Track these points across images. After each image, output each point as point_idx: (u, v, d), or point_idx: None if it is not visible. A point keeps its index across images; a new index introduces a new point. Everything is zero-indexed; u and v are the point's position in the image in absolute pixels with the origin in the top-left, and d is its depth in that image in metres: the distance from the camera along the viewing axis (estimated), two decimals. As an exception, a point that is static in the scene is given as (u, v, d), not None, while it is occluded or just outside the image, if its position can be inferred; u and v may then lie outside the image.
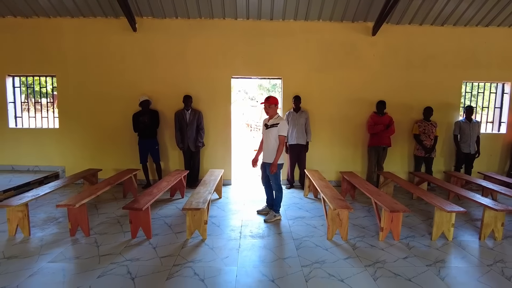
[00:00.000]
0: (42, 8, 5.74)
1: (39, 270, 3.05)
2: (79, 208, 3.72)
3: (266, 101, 4.20)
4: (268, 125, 4.23)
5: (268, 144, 4.23)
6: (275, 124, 4.15)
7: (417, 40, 6.03)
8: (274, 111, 4.22)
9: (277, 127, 4.13)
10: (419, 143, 5.92)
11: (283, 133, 4.13)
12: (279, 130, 4.12)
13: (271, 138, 4.18)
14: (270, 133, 4.18)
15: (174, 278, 2.95)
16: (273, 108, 4.20)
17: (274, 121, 4.19)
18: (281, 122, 4.15)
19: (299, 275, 3.02)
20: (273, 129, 4.15)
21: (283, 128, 4.14)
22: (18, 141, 6.27)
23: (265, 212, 4.61)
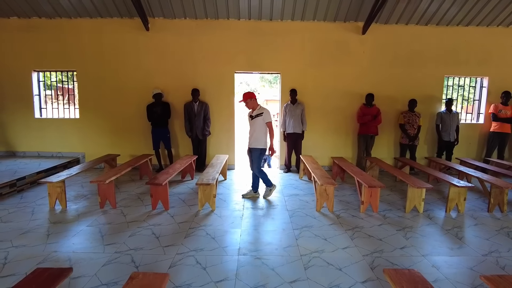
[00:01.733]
0: (64, 9, 6.38)
1: (81, 231, 3.78)
2: (108, 184, 4.44)
3: (242, 98, 4.68)
4: (253, 116, 4.70)
5: (254, 132, 4.70)
6: (259, 114, 4.65)
7: (403, 38, 6.66)
8: (254, 104, 4.69)
9: (262, 116, 4.63)
10: (404, 132, 6.59)
11: (269, 119, 4.66)
12: (264, 118, 4.64)
13: (257, 127, 4.67)
14: (256, 123, 4.67)
15: (190, 237, 3.68)
16: (251, 102, 4.66)
17: (258, 111, 4.68)
18: (265, 111, 4.67)
19: (291, 235, 3.74)
20: (258, 119, 4.65)
21: (268, 116, 4.66)
22: (43, 130, 6.98)
23: (250, 195, 5.07)
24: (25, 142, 7.02)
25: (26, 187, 5.44)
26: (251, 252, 3.34)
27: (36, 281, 2.05)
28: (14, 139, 7.01)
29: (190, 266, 3.05)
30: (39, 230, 3.81)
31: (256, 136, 4.69)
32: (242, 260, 3.17)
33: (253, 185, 5.10)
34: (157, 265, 3.05)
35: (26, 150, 7.04)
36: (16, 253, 3.24)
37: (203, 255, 3.26)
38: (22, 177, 5.35)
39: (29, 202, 4.78)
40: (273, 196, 5.21)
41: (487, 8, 6.23)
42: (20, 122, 6.93)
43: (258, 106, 4.73)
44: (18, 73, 6.79)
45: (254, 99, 4.70)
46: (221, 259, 3.19)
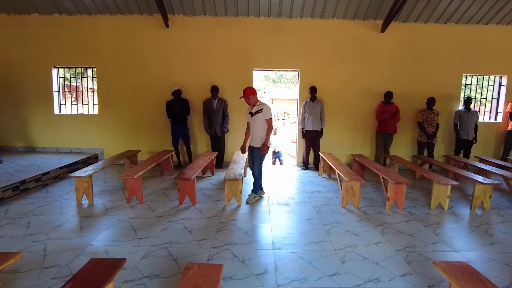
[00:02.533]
0: (85, 6, 6.42)
1: (112, 225, 3.82)
2: (135, 179, 4.47)
3: (243, 94, 4.40)
4: (253, 112, 4.46)
5: (255, 129, 4.47)
6: (259, 110, 4.39)
7: (422, 37, 6.66)
8: (255, 100, 4.44)
9: (262, 112, 4.38)
10: (422, 130, 6.60)
11: (269, 116, 4.41)
12: (265, 115, 4.39)
13: (257, 124, 4.43)
14: (256, 119, 4.42)
15: (222, 231, 3.71)
16: (252, 98, 4.40)
17: (257, 107, 4.42)
18: (265, 107, 4.41)
19: (322, 231, 3.77)
20: (258, 115, 4.40)
21: (268, 112, 4.40)
22: (62, 126, 7.02)
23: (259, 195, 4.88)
24: (44, 138, 7.07)
25: (50, 182, 5.49)
26: (286, 246, 3.37)
27: (95, 270, 2.09)
28: (34, 135, 7.07)
29: (228, 259, 3.08)
30: (71, 224, 3.86)
31: (257, 134, 4.48)
32: (278, 254, 3.20)
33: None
34: (195, 258, 3.08)
35: (46, 145, 7.09)
36: (54, 245, 3.28)
37: (239, 248, 3.29)
38: (47, 172, 5.40)
39: (55, 197, 4.83)
40: (296, 193, 5.23)
41: (508, 7, 6.23)
42: (40, 118, 6.98)
43: (258, 102, 4.48)
44: (38, 69, 6.84)
45: (254, 94, 4.46)
46: (257, 252, 3.22)
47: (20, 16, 6.71)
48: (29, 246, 3.27)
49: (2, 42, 6.80)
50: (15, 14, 6.71)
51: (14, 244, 3.32)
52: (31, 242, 3.36)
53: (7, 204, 4.48)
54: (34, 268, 2.86)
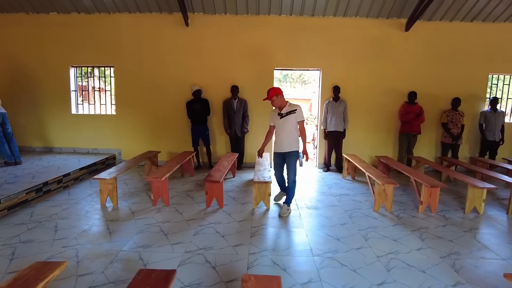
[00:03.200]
0: (104, 4, 6.32)
1: (142, 230, 3.70)
2: (162, 181, 4.36)
3: (268, 95, 3.99)
4: (283, 113, 4.02)
5: (286, 133, 4.05)
6: (291, 111, 3.99)
7: (447, 35, 6.50)
8: (282, 101, 4.03)
9: (295, 114, 3.98)
10: (446, 131, 6.44)
11: (302, 118, 4.01)
12: (298, 117, 3.99)
13: (288, 126, 4.03)
14: (287, 121, 4.01)
15: (256, 236, 3.60)
16: (277, 100, 4.00)
17: (288, 108, 4.02)
18: (298, 108, 4.02)
19: (359, 236, 3.64)
20: (290, 117, 3.99)
21: (301, 114, 4.00)
22: (79, 126, 6.93)
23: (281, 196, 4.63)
24: (61, 138, 6.99)
25: (71, 183, 5.39)
26: (325, 253, 3.24)
27: (147, 283, 1.97)
28: (51, 135, 6.98)
29: (268, 267, 2.96)
30: (98, 228, 3.75)
31: (289, 138, 4.04)
32: (319, 261, 3.08)
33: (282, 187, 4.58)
34: (234, 265, 2.97)
35: (62, 146, 7.00)
36: (85, 251, 3.18)
37: (278, 255, 3.17)
38: (67, 173, 5.31)
39: (78, 199, 4.73)
40: (323, 196, 5.10)
41: (537, 4, 6.05)
42: (57, 118, 6.90)
43: (287, 103, 4.06)
44: (56, 69, 6.75)
45: (281, 95, 4.02)
46: (298, 260, 3.10)
47: (39, 15, 6.62)
48: (60, 251, 3.17)
49: (20, 41, 6.72)
50: (34, 13, 6.62)
51: (44, 249, 3.21)
52: (62, 247, 3.26)
53: (31, 207, 4.38)
54: (70, 275, 2.76)
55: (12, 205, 4.15)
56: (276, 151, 4.24)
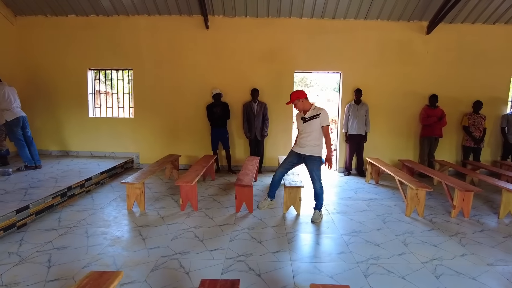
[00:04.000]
0: (123, 7, 6.27)
1: (176, 235, 3.63)
2: (191, 186, 4.29)
3: (291, 99, 3.91)
4: (306, 118, 3.89)
5: (309, 137, 3.88)
6: (315, 115, 3.82)
7: (469, 38, 6.46)
8: (306, 104, 3.89)
9: (319, 118, 3.81)
10: (468, 134, 6.38)
11: (327, 123, 3.83)
12: (322, 121, 3.81)
13: (313, 130, 3.85)
14: (310, 126, 3.84)
15: (294, 242, 3.53)
16: (301, 103, 3.88)
17: (312, 112, 3.86)
18: (322, 112, 3.82)
19: (397, 242, 3.57)
20: (315, 121, 3.82)
21: (326, 118, 3.83)
22: (97, 129, 6.86)
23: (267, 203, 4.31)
24: (78, 142, 6.92)
25: (92, 187, 5.32)
26: (368, 259, 3.17)
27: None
28: (68, 138, 6.91)
29: (314, 274, 2.89)
30: (131, 234, 3.68)
31: (313, 142, 3.87)
32: (364, 267, 3.01)
33: (271, 192, 4.28)
34: (279, 273, 2.90)
35: (79, 149, 6.93)
36: (123, 258, 3.10)
37: (322, 262, 3.10)
38: (89, 177, 5.23)
39: (103, 204, 4.65)
40: (351, 201, 5.03)
41: (560, 7, 6.01)
42: (74, 121, 6.83)
43: (311, 106, 3.90)
44: (74, 71, 6.69)
45: (304, 98, 3.89)
46: (342, 266, 3.02)
47: (57, 17, 6.58)
48: (97, 258, 3.09)
49: (38, 44, 6.68)
50: (52, 16, 6.57)
51: (80, 256, 3.13)
52: (97, 254, 3.17)
53: (57, 212, 4.31)
54: (113, 283, 2.67)
55: (39, 210, 4.07)
56: (295, 150, 4.05)
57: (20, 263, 2.98)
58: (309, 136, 3.89)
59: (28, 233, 3.63)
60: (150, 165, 5.31)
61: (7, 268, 2.88)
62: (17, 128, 5.48)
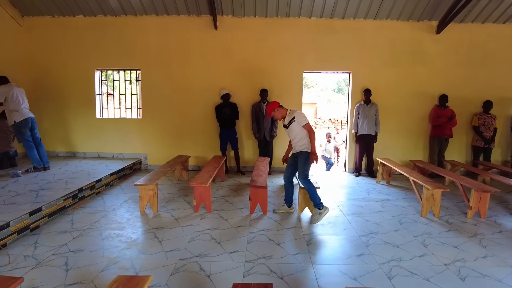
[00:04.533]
0: (131, 6, 6.23)
1: (193, 238, 3.58)
2: (204, 187, 4.24)
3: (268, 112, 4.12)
4: (286, 124, 4.10)
5: (296, 141, 4.07)
6: (292, 120, 4.00)
7: (479, 38, 6.43)
8: (283, 111, 4.09)
9: (295, 121, 3.98)
10: (478, 134, 6.34)
11: (305, 121, 3.96)
12: (299, 122, 3.95)
13: (296, 134, 4.04)
14: (293, 130, 4.04)
15: (313, 244, 3.49)
16: (278, 112, 4.08)
17: (289, 118, 4.04)
18: (296, 114, 3.99)
19: (417, 243, 3.53)
20: (293, 124, 4.00)
21: (302, 117, 3.97)
22: (104, 130, 6.81)
23: (283, 210, 4.33)
24: (85, 143, 6.86)
25: (102, 189, 5.26)
26: (389, 261, 3.13)
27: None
28: (75, 140, 6.85)
29: (337, 276, 2.85)
30: (146, 236, 3.63)
31: (300, 142, 4.03)
32: (386, 269, 2.96)
33: (286, 198, 4.34)
34: (302, 275, 2.85)
35: (86, 151, 6.87)
36: (141, 261, 3.06)
37: (345, 264, 3.05)
38: (99, 179, 5.18)
39: (114, 206, 4.60)
40: (364, 202, 4.97)
41: None
42: (81, 122, 6.78)
43: (287, 112, 4.08)
44: (81, 72, 6.64)
45: (279, 107, 4.07)
46: (365, 268, 2.98)
47: (65, 18, 6.53)
48: (114, 261, 3.04)
49: (46, 44, 6.62)
50: (60, 16, 6.52)
51: (97, 259, 3.08)
52: (114, 257, 3.12)
53: (69, 214, 4.26)
54: None
55: (51, 212, 4.02)
56: (291, 153, 4.31)
57: (37, 266, 2.93)
58: (295, 139, 4.08)
59: (42, 236, 3.58)
60: (161, 166, 5.26)
61: (24, 272, 2.83)
62: (25, 129, 5.42)
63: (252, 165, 6.78)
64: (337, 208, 4.66)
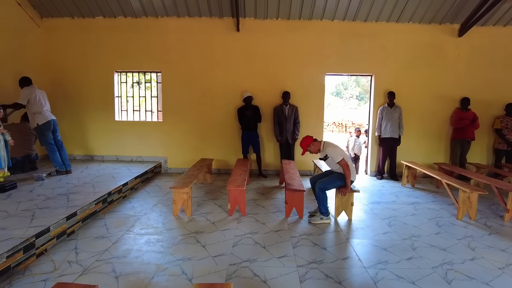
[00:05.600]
0: (153, 8, 6.17)
1: (236, 242, 3.50)
2: (240, 190, 4.17)
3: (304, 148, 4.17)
4: (322, 158, 4.23)
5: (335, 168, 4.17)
6: (326, 156, 4.10)
7: (500, 40, 6.45)
8: (317, 145, 4.15)
9: (329, 159, 4.08)
10: (501, 137, 6.35)
11: (339, 158, 3.96)
12: (334, 158, 3.99)
13: (332, 166, 4.18)
14: (328, 163, 4.19)
15: (359, 247, 3.44)
16: (312, 147, 4.15)
17: (323, 153, 4.15)
18: (328, 151, 4.03)
19: (462, 246, 3.50)
20: (329, 159, 4.09)
21: (336, 154, 3.98)
22: (123, 133, 6.71)
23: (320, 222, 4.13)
24: (103, 146, 6.76)
25: (128, 193, 5.17)
26: (441, 264, 3.09)
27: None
28: (93, 143, 6.75)
29: (394, 280, 2.80)
30: (188, 241, 3.54)
31: (339, 170, 4.11)
32: (442, 272, 2.93)
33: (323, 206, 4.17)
34: (358, 279, 2.80)
35: (104, 154, 6.76)
36: (191, 267, 2.98)
37: (399, 268, 3.00)
38: (125, 182, 5.08)
39: (145, 210, 4.52)
40: (396, 205, 4.93)
41: None
42: (100, 125, 6.68)
43: (321, 145, 4.15)
44: (100, 74, 6.56)
45: (313, 142, 4.14)
46: (421, 272, 2.94)
47: (84, 19, 6.45)
48: (163, 268, 2.96)
49: (65, 46, 6.54)
50: (79, 18, 6.44)
51: (143, 266, 3.00)
52: (161, 263, 3.04)
53: (100, 218, 4.17)
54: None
55: (84, 217, 3.93)
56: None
57: (85, 273, 2.85)
58: (334, 168, 4.19)
59: (80, 241, 3.49)
60: (189, 170, 5.19)
61: (74, 278, 2.75)
62: (48, 131, 5.33)
63: (273, 168, 6.73)
64: (371, 211, 4.62)
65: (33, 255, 3.04)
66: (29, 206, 3.87)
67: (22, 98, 5.11)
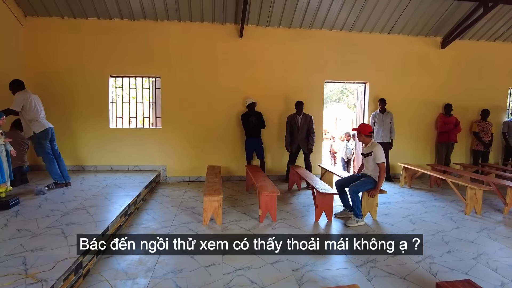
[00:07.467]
0: (153, 11, 5.95)
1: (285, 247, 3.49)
2: (271, 196, 4.17)
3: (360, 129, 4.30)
4: (364, 154, 4.34)
5: (369, 168, 4.31)
6: (369, 153, 4.23)
7: (475, 53, 7.22)
8: (367, 140, 4.27)
9: (372, 156, 4.19)
10: (478, 139, 7.07)
11: (381, 160, 4.10)
12: (375, 158, 4.14)
13: (370, 164, 4.26)
14: (369, 161, 4.27)
15: (399, 245, 3.60)
16: (366, 137, 4.26)
17: (369, 149, 4.26)
18: (375, 150, 4.15)
19: (485, 238, 3.84)
20: (370, 157, 4.22)
21: (379, 155, 4.11)
22: (118, 141, 6.31)
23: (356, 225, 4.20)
24: (96, 155, 6.29)
25: (140, 204, 4.89)
26: (480, 254, 3.37)
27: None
28: (85, 151, 6.26)
29: (448, 272, 3.02)
30: (236, 250, 3.43)
31: (371, 171, 4.28)
32: (483, 261, 3.19)
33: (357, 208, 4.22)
34: (418, 273, 2.97)
35: (97, 164, 6.31)
36: (256, 275, 2.94)
37: (447, 260, 3.24)
38: (138, 193, 4.81)
39: (169, 220, 4.31)
40: (404, 204, 5.23)
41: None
42: (92, 133, 6.22)
43: (370, 141, 4.30)
44: (94, 79, 6.13)
45: (369, 133, 4.29)
46: (469, 263, 3.19)
47: (76, 20, 6.01)
48: (229, 279, 2.88)
49: (52, 48, 6.02)
50: (70, 18, 5.98)
51: (206, 278, 2.90)
52: (223, 274, 2.95)
53: (125, 233, 3.90)
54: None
55: (113, 232, 3.65)
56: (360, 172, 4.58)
57: (149, 290, 2.66)
58: (369, 168, 4.34)
59: (118, 258, 3.23)
60: (206, 178, 5.06)
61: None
62: (45, 140, 4.86)
63: (275, 173, 6.76)
64: (388, 211, 4.86)
65: (81, 276, 2.77)
66: (51, 223, 3.50)
67: (17, 104, 4.61)
